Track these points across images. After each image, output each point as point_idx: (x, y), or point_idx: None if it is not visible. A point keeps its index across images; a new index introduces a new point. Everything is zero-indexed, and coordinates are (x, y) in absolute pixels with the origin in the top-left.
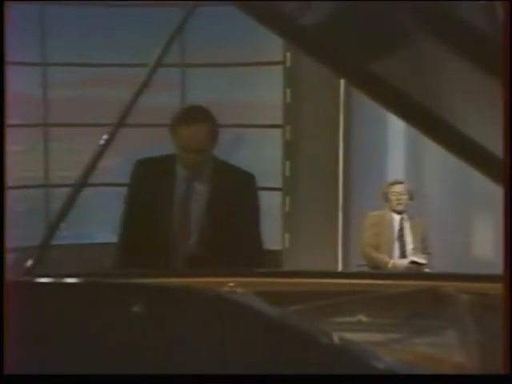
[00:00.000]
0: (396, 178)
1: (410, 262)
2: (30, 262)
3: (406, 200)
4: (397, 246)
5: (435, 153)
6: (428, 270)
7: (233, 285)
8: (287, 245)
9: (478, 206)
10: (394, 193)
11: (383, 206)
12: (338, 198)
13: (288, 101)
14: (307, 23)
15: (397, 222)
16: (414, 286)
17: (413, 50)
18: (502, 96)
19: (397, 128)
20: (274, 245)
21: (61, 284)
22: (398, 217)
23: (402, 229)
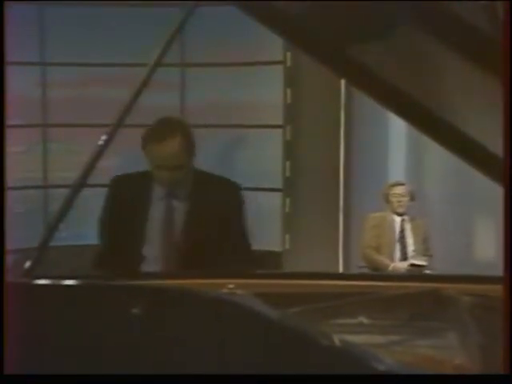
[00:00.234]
0: (397, 180)
1: (410, 264)
2: (28, 263)
3: (407, 201)
4: (398, 247)
5: (436, 154)
6: (429, 272)
7: (232, 286)
8: (287, 246)
9: (480, 208)
10: (395, 194)
11: (384, 207)
12: (338, 198)
13: (288, 101)
14: (306, 20)
15: (398, 223)
16: (415, 288)
17: (413, 49)
18: (502, 96)
19: (398, 128)
20: (275, 246)
21: (59, 286)
22: (398, 218)
23: (403, 230)
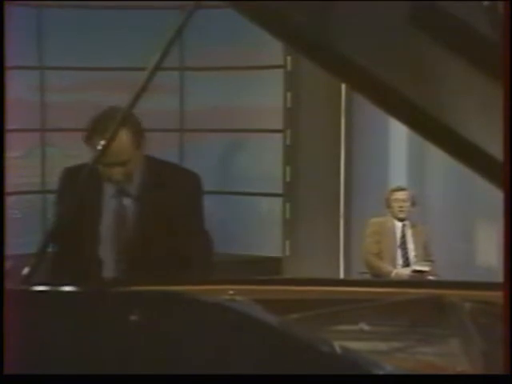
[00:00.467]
0: (399, 185)
1: (413, 271)
2: (26, 269)
3: (409, 207)
4: (399, 253)
5: (438, 159)
6: (431, 277)
7: (233, 292)
8: (288, 252)
9: (481, 213)
10: (397, 200)
11: (385, 212)
12: (339, 204)
13: (289, 105)
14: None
15: (399, 229)
16: (416, 294)
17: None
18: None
19: (399, 133)
20: (275, 252)
21: (57, 292)
22: (399, 224)
23: (404, 236)
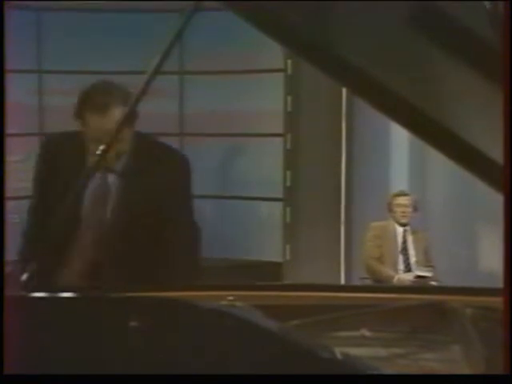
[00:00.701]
0: (401, 189)
1: (416, 276)
2: (25, 275)
3: (411, 212)
4: (401, 258)
5: (439, 163)
6: (433, 283)
7: (232, 298)
8: (288, 256)
9: (483, 218)
10: (399, 205)
11: (386, 216)
12: (340, 208)
13: (289, 109)
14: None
15: (400, 234)
16: (417, 300)
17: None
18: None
19: (400, 137)
20: (275, 257)
21: (56, 298)
22: (401, 229)
23: (405, 241)
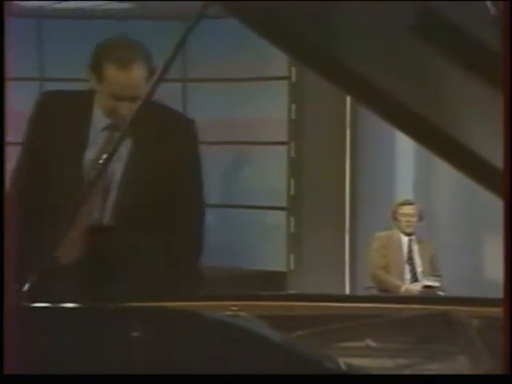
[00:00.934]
0: (406, 198)
1: (423, 286)
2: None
3: (416, 222)
4: (407, 268)
5: (444, 172)
6: (440, 293)
7: (236, 308)
8: (292, 266)
9: (489, 227)
10: (404, 214)
11: (391, 225)
12: (344, 217)
13: (293, 117)
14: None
15: (405, 243)
16: (423, 310)
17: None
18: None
19: (405, 145)
20: (279, 266)
21: (58, 309)
22: (406, 238)
23: (410, 251)
